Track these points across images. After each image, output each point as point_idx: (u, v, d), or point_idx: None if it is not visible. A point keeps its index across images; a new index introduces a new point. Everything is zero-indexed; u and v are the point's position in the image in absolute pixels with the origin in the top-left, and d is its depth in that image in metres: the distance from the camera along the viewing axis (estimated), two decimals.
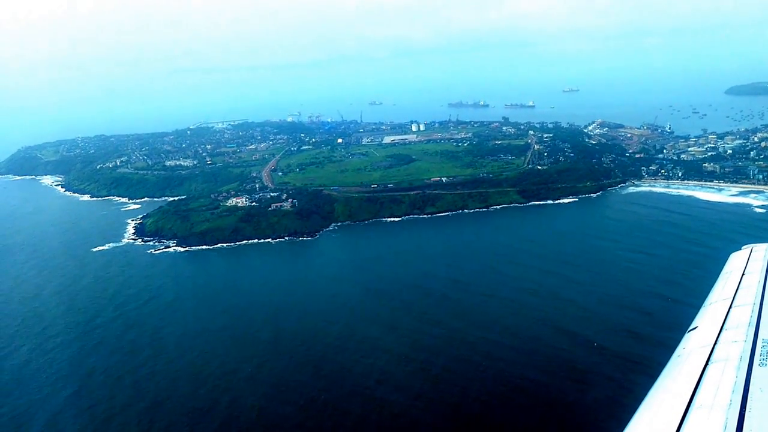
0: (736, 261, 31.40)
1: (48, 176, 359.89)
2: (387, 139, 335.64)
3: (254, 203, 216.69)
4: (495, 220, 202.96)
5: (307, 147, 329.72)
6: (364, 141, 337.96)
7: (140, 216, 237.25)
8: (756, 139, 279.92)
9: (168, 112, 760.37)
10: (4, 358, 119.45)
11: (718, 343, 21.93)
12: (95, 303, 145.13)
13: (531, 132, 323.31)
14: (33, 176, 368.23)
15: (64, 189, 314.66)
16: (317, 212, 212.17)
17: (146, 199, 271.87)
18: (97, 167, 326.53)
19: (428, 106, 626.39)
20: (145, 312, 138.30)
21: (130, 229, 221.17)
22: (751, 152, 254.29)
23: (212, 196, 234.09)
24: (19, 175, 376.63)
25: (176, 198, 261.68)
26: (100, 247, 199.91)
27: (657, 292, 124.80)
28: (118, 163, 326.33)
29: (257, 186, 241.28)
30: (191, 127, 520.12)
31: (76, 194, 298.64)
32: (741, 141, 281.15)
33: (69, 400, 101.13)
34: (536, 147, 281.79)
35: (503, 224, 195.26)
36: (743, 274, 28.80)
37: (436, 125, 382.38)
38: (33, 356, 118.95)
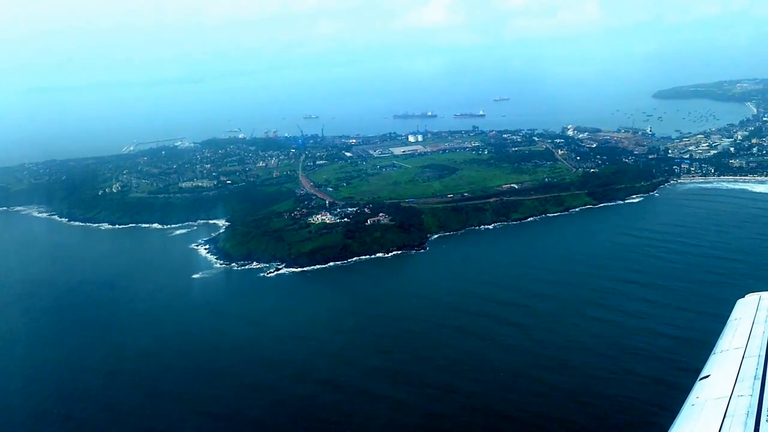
0: (743, 309, 32.09)
1: (27, 207, 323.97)
2: (397, 151, 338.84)
3: (345, 219, 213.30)
4: (588, 221, 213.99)
5: (321, 162, 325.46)
6: (374, 154, 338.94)
7: (201, 240, 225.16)
8: (740, 137, 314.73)
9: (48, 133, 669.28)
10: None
11: (729, 396, 22.58)
12: (307, 337, 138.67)
13: (535, 138, 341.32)
14: (6, 207, 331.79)
15: (66, 219, 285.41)
16: (411, 224, 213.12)
17: (183, 223, 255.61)
18: (98, 193, 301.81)
19: (371, 118, 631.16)
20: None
21: (206, 255, 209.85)
22: (753, 149, 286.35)
23: (285, 215, 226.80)
24: None
25: (217, 221, 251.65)
26: (197, 275, 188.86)
27: None
28: (120, 188, 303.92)
29: (327, 202, 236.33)
30: (131, 149, 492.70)
31: (89, 224, 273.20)
32: (729, 139, 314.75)
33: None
34: (560, 152, 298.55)
35: (608, 223, 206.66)
36: (753, 323, 29.43)
37: (429, 136, 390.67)
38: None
